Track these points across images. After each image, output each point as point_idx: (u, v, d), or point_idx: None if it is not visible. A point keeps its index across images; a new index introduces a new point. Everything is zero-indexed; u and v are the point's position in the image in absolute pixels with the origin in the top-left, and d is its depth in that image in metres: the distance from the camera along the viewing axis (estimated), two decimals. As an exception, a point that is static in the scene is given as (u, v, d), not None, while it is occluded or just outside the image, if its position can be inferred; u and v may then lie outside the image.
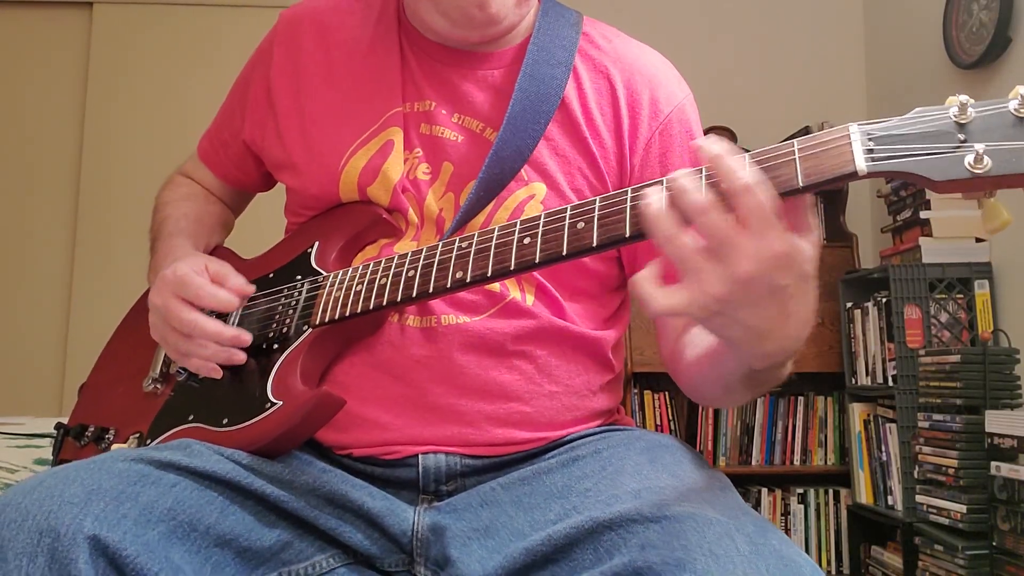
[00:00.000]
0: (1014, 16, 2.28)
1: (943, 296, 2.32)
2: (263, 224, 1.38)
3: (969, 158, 0.57)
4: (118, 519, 0.63)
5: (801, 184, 0.61)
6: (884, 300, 2.42)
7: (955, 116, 0.59)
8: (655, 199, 0.61)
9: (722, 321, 0.61)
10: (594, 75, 0.93)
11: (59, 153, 3.17)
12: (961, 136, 0.59)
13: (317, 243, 0.91)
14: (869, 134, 0.61)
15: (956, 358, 2.09)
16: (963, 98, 0.59)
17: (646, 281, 0.60)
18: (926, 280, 2.31)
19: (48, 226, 3.14)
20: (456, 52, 0.93)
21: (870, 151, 0.60)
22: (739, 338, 0.62)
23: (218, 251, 1.05)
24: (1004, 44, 2.29)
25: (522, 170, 0.88)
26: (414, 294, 0.77)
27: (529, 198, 0.87)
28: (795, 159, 0.62)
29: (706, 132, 1.01)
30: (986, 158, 0.57)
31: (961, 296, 2.32)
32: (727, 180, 0.58)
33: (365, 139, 0.89)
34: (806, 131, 2.91)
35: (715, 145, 0.60)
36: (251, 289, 0.88)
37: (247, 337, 0.83)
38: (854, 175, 0.60)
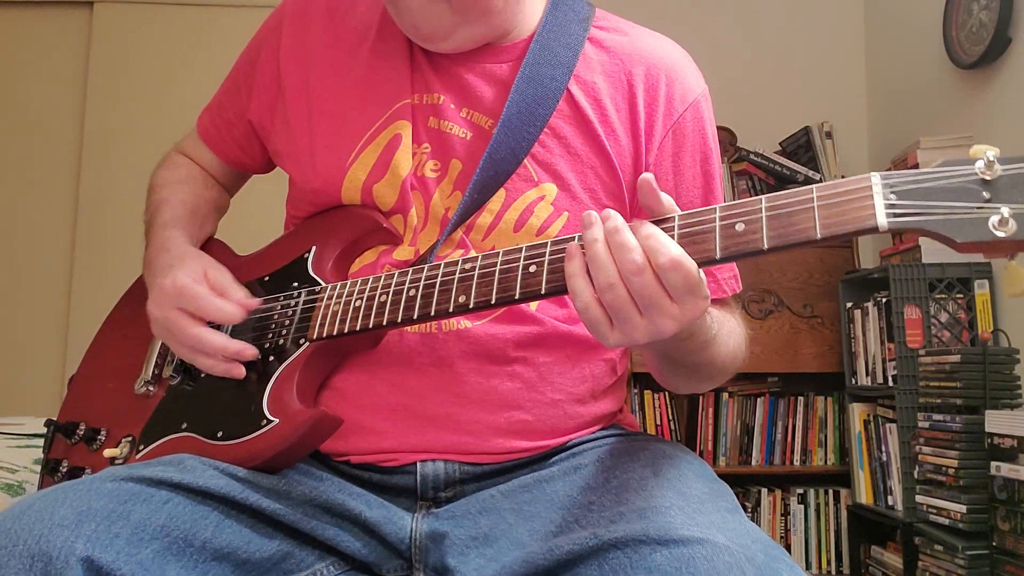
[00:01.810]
0: (1014, 16, 2.28)
1: (943, 296, 2.32)
2: (261, 216, 1.37)
3: (994, 219, 0.56)
4: (110, 539, 0.62)
5: (819, 236, 0.60)
6: (884, 300, 2.42)
7: (981, 172, 0.57)
8: (600, 246, 0.65)
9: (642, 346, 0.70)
10: (610, 67, 0.90)
11: (59, 153, 3.16)
12: (986, 194, 0.57)
13: (314, 248, 0.89)
14: (892, 187, 0.59)
15: (956, 358, 2.09)
16: (990, 153, 0.57)
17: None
18: (926, 280, 2.31)
19: (48, 225, 3.14)
20: None
21: (892, 206, 0.59)
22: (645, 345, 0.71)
23: (211, 244, 1.02)
24: (1004, 44, 2.29)
25: (532, 170, 0.86)
26: (415, 316, 0.75)
27: (539, 199, 0.85)
28: (813, 207, 0.61)
29: None
30: (1011, 221, 0.55)
31: (961, 296, 2.31)
32: (654, 258, 0.62)
33: (373, 133, 0.87)
34: (806, 132, 2.91)
35: (647, 227, 0.64)
36: (255, 303, 0.86)
37: (251, 351, 0.82)
38: (874, 230, 0.59)
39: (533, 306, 0.84)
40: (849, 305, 2.64)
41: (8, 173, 3.16)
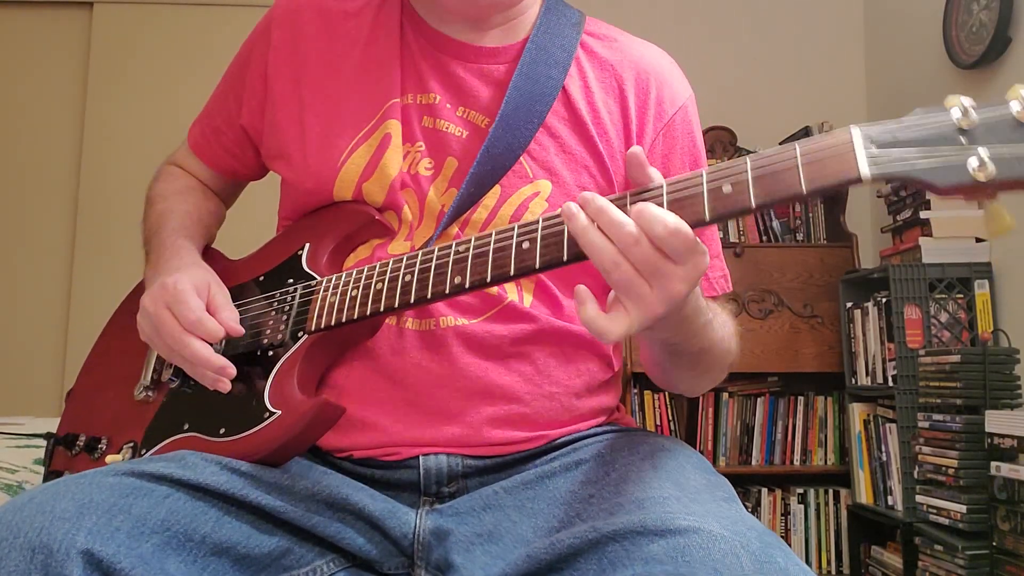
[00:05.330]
0: (1014, 16, 2.28)
1: (943, 296, 2.32)
2: (257, 222, 1.37)
3: (973, 163, 0.57)
4: (111, 532, 0.62)
5: (805, 191, 0.61)
6: (884, 300, 2.42)
7: (957, 120, 0.58)
8: (593, 233, 0.64)
9: (653, 327, 0.67)
10: (601, 73, 0.92)
11: (59, 153, 3.17)
12: (963, 140, 0.58)
13: (308, 244, 0.90)
14: (871, 137, 0.60)
15: (956, 358, 2.09)
16: (965, 101, 0.58)
17: (597, 318, 0.65)
18: (926, 280, 2.31)
19: (48, 226, 3.14)
20: (461, 45, 0.91)
21: (873, 156, 0.60)
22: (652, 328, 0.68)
23: (206, 253, 1.01)
24: (1004, 44, 2.29)
25: (527, 167, 0.87)
26: (412, 300, 0.76)
27: (534, 195, 0.87)
28: (797, 165, 0.62)
29: (706, 132, 1.01)
30: (989, 163, 0.56)
31: (961, 296, 2.32)
32: (651, 230, 0.63)
33: (365, 134, 0.88)
34: (806, 131, 2.91)
35: (637, 205, 0.64)
36: (240, 331, 0.84)
37: (232, 371, 0.81)
38: (857, 180, 0.60)
39: (527, 302, 0.85)
40: (849, 305, 2.64)
41: (8, 173, 3.16)
